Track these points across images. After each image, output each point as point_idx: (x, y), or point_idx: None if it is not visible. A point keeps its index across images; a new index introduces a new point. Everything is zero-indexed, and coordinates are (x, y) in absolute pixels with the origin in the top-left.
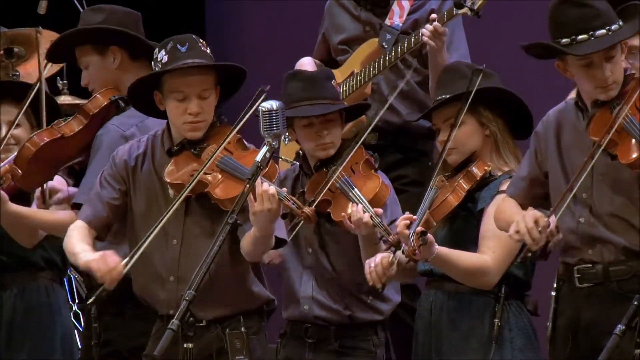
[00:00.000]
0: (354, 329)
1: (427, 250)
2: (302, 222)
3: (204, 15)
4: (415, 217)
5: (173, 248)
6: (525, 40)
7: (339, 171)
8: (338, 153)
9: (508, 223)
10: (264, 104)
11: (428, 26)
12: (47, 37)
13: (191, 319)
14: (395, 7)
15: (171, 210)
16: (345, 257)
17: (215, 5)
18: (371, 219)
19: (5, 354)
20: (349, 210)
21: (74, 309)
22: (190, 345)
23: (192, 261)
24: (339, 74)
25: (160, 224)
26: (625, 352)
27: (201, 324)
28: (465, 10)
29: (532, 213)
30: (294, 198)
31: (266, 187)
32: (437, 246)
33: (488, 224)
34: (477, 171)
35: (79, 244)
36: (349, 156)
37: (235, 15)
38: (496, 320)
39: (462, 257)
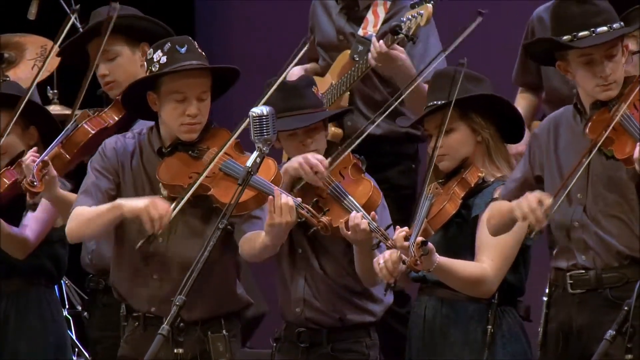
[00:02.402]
0: (346, 332)
1: (428, 261)
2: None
3: (193, 15)
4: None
5: (159, 246)
6: (518, 45)
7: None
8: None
9: (498, 218)
10: (254, 109)
11: (374, 45)
12: (37, 43)
13: (181, 324)
14: (370, 16)
15: (176, 211)
16: (335, 260)
17: (204, 5)
18: (368, 225)
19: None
20: (343, 217)
21: (64, 314)
22: (180, 350)
23: (177, 261)
24: (322, 84)
25: (185, 199)
26: (615, 358)
27: (181, 325)
28: (401, 36)
29: (535, 194)
30: (308, 207)
31: (285, 199)
32: (438, 256)
33: (484, 232)
34: (470, 178)
35: (99, 206)
36: (336, 162)
37: (225, 15)
38: (489, 326)
39: (462, 267)
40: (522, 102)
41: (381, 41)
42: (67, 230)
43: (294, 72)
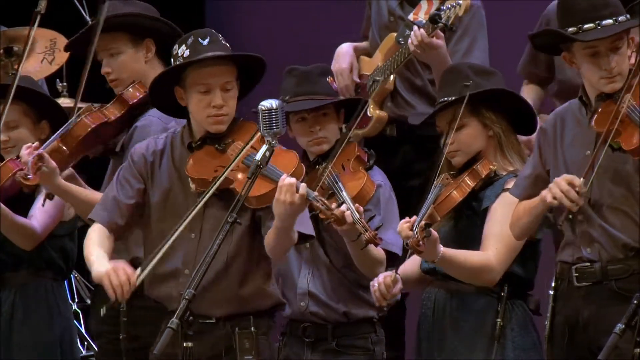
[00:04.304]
0: (351, 327)
1: (432, 250)
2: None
3: (204, 16)
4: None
5: (191, 241)
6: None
7: (328, 169)
8: (335, 149)
9: (524, 221)
10: (263, 102)
11: (415, 34)
12: (46, 36)
13: (191, 317)
14: (423, 2)
15: (197, 207)
16: (341, 251)
17: (215, 6)
18: (351, 215)
19: (5, 353)
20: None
21: (73, 308)
22: (190, 344)
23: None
24: (369, 65)
25: (182, 226)
26: (624, 351)
27: (211, 321)
28: (440, 25)
29: (564, 176)
30: (323, 199)
31: (285, 179)
32: (442, 247)
33: (491, 222)
34: (482, 169)
35: (95, 249)
36: (337, 154)
37: (236, 16)
38: (498, 319)
39: (467, 257)
40: (528, 94)
41: (422, 30)
42: (84, 246)
43: (343, 49)
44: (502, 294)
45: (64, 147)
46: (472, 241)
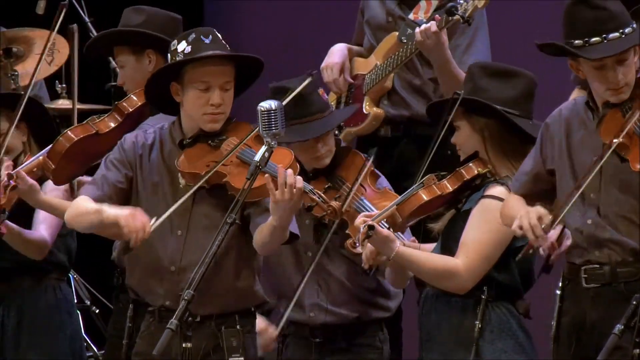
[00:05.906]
0: (360, 326)
1: (384, 248)
2: (334, 221)
3: (203, 16)
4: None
5: (177, 239)
6: (538, 38)
7: (350, 194)
8: (334, 158)
9: (512, 218)
10: (262, 103)
11: (424, 25)
12: (45, 37)
13: (190, 318)
14: (422, 2)
15: (186, 196)
16: (347, 259)
17: (214, 6)
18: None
19: (15, 355)
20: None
21: None
22: (189, 344)
23: (195, 253)
24: (365, 65)
25: (176, 205)
26: (624, 352)
27: (196, 320)
28: (457, 17)
29: (537, 209)
30: (319, 192)
31: (290, 179)
32: (399, 246)
33: (468, 229)
34: (465, 172)
35: (92, 204)
36: (354, 186)
37: (235, 15)
38: (477, 322)
39: (429, 260)
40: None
41: (433, 21)
42: (65, 217)
43: (336, 47)
44: (482, 296)
45: (50, 162)
46: (454, 241)
